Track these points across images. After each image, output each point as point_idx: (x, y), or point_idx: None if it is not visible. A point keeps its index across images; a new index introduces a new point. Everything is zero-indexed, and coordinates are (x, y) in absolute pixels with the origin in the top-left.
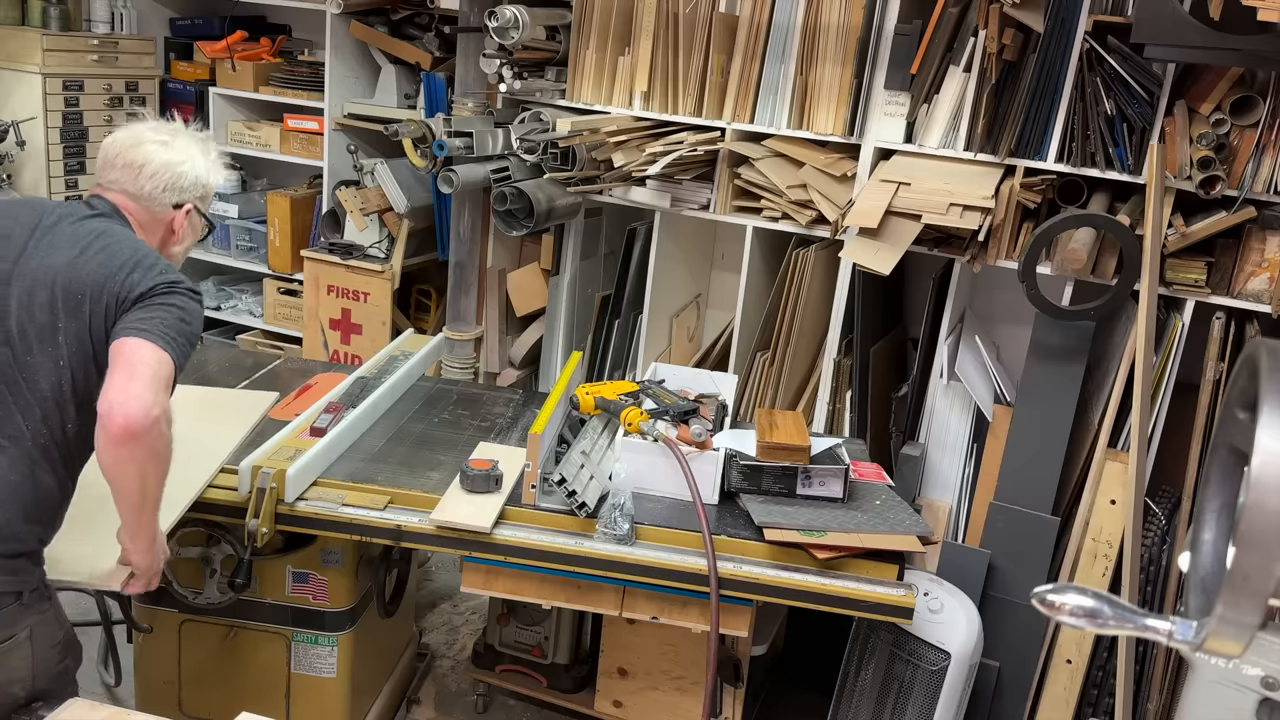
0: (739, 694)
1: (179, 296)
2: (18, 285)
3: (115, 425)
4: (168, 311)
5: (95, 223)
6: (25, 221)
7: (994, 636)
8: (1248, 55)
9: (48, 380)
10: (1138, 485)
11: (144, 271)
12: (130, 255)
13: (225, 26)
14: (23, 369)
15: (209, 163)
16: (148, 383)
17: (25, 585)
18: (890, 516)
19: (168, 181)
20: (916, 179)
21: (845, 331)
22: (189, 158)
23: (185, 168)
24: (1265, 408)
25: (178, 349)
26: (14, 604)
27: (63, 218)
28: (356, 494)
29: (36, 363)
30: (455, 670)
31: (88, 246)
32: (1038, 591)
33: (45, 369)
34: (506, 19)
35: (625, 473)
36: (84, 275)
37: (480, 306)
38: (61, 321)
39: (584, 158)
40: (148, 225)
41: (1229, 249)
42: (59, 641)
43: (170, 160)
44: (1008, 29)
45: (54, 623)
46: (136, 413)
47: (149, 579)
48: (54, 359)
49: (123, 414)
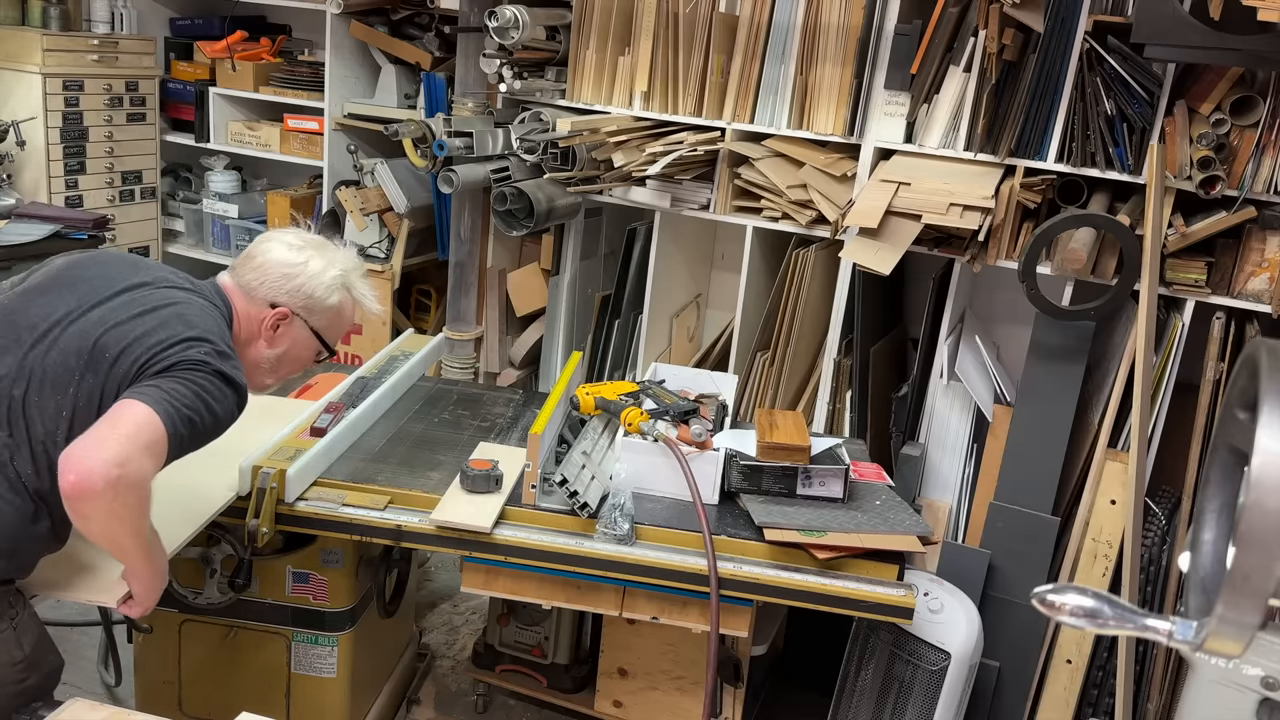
0: (739, 694)
1: (205, 375)
2: (69, 331)
3: (66, 481)
4: (184, 385)
5: (179, 294)
6: (115, 277)
7: (994, 636)
8: (1248, 55)
9: (44, 426)
10: (1138, 485)
11: (183, 349)
12: (186, 334)
13: (225, 26)
14: (27, 408)
15: (328, 279)
16: (119, 442)
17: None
18: (890, 516)
19: (271, 279)
20: (916, 179)
21: (845, 331)
22: (305, 264)
23: (294, 270)
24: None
25: (176, 421)
26: None
27: (154, 281)
28: (356, 494)
29: (41, 405)
30: (455, 670)
31: (150, 310)
32: (1038, 591)
33: (46, 414)
34: (506, 19)
35: (625, 473)
36: (124, 335)
37: (480, 306)
38: (79, 374)
39: (584, 158)
40: (245, 316)
41: (1229, 249)
42: (19, 661)
43: (284, 260)
44: (1008, 29)
45: (12, 643)
46: (91, 471)
47: (146, 607)
48: (58, 408)
49: (75, 470)
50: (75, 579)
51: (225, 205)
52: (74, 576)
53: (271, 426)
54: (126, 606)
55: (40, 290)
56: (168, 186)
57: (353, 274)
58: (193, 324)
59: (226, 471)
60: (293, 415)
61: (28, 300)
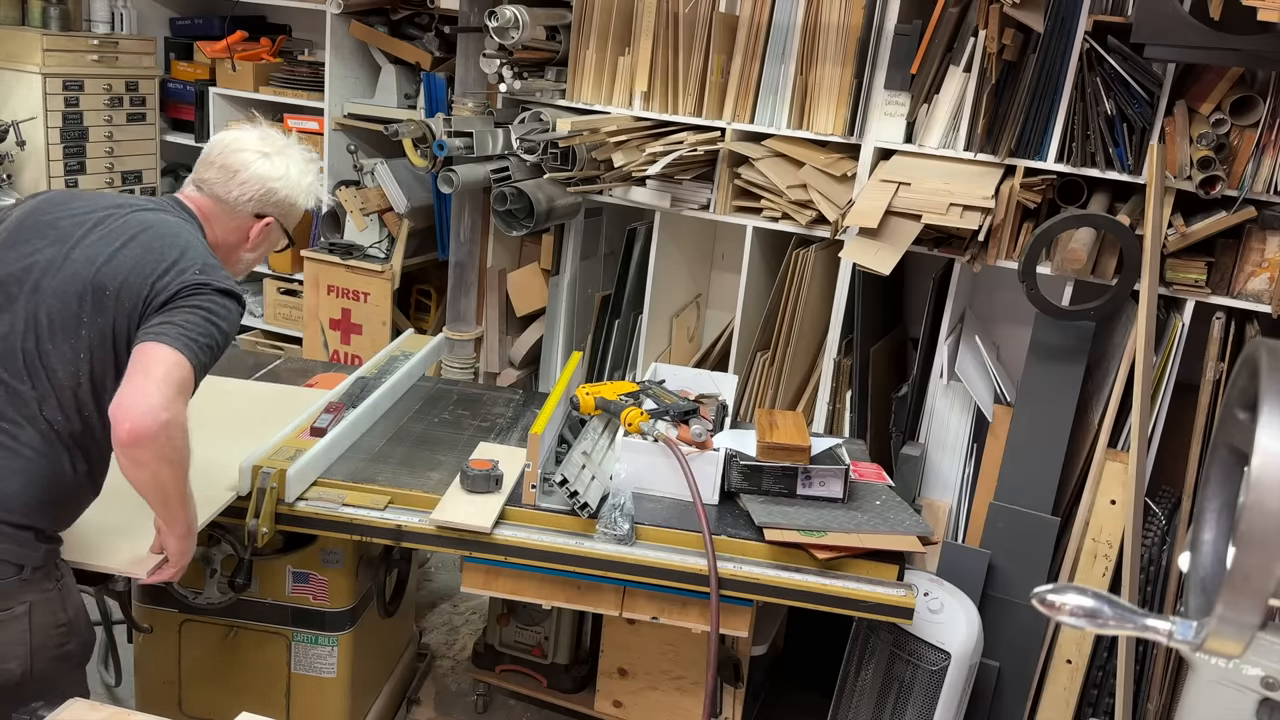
0: (739, 694)
1: (207, 297)
2: (59, 276)
3: (123, 430)
4: (192, 314)
5: (149, 216)
6: (81, 215)
7: (994, 636)
8: (1248, 55)
9: (65, 370)
10: (1138, 485)
11: (177, 274)
12: (171, 255)
13: (225, 26)
14: (44, 357)
15: (305, 185)
16: (158, 387)
17: (28, 560)
18: (890, 516)
19: (257, 193)
20: (916, 179)
21: (845, 331)
22: (285, 175)
23: (278, 184)
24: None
25: (197, 352)
26: (13, 576)
27: (117, 210)
28: (356, 494)
29: (58, 352)
30: (455, 670)
31: (131, 239)
32: (1038, 591)
33: (64, 359)
34: (506, 19)
35: (625, 473)
36: (116, 270)
37: (480, 306)
38: (87, 316)
39: (584, 158)
40: (223, 226)
41: (1229, 249)
42: (63, 624)
43: (265, 174)
44: (1008, 29)
45: (58, 604)
46: (143, 418)
47: (179, 567)
48: (74, 351)
49: (129, 419)
50: (104, 550)
51: None
52: (102, 548)
53: (272, 426)
54: (159, 574)
55: (9, 244)
56: (168, 186)
57: (314, 169)
58: (174, 243)
59: (227, 471)
60: (293, 415)
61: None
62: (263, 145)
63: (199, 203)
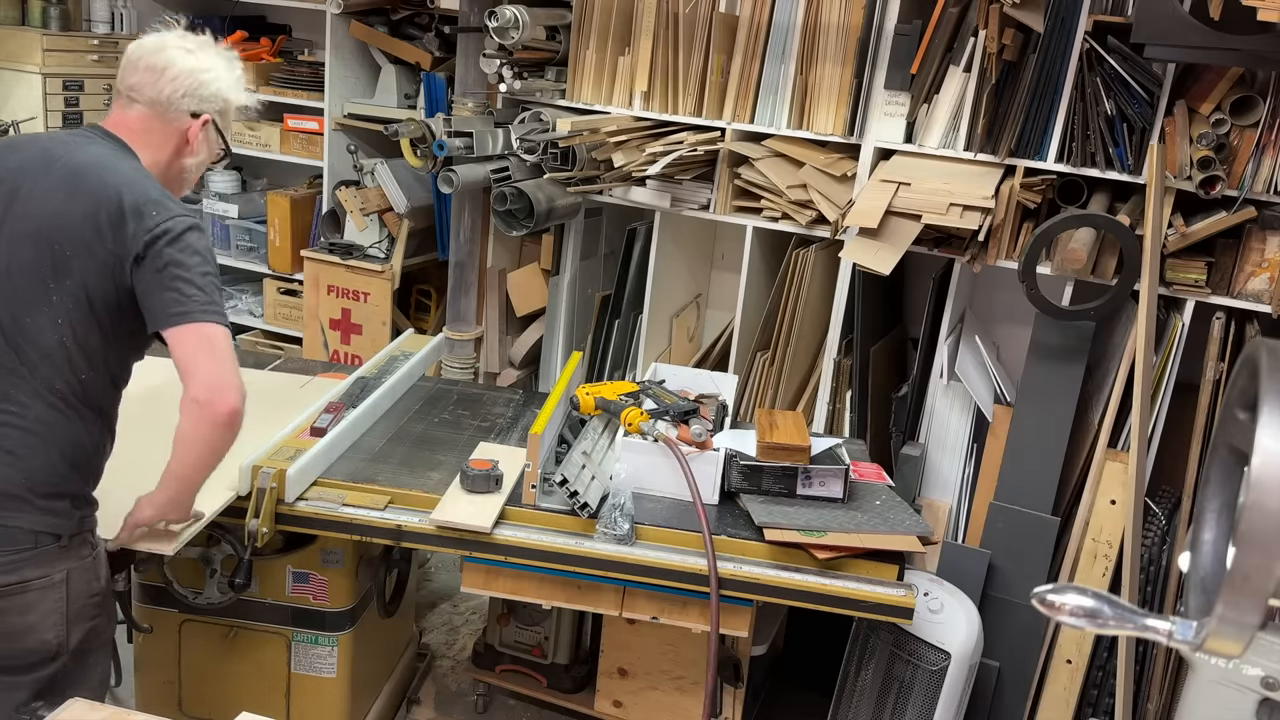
0: (739, 694)
1: (185, 240)
2: (9, 240)
3: (223, 412)
4: (187, 270)
5: (86, 154)
6: (13, 164)
7: (994, 636)
8: (1248, 55)
9: (49, 338)
10: (1138, 485)
11: (137, 221)
12: (119, 200)
13: (225, 26)
14: (22, 331)
15: (232, 78)
16: (231, 364)
17: (64, 529)
18: (890, 516)
19: (189, 87)
20: (916, 179)
21: (845, 331)
22: (213, 67)
23: (208, 76)
24: (1265, 408)
25: (218, 305)
26: (53, 544)
27: (52, 155)
28: (356, 494)
29: (35, 324)
30: (455, 670)
31: (74, 189)
32: (1038, 591)
33: (44, 328)
34: (506, 19)
35: (625, 473)
36: (69, 227)
37: (480, 306)
38: (53, 283)
39: (584, 158)
40: (161, 135)
41: (1229, 249)
42: (96, 593)
43: (194, 67)
44: (1008, 29)
45: (92, 572)
46: (236, 396)
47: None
48: (50, 318)
49: (226, 401)
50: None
51: (225, 205)
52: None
53: (272, 426)
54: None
55: None
56: None
57: (238, 66)
58: (120, 184)
59: (225, 470)
60: (293, 415)
61: None
62: (184, 43)
63: (129, 122)
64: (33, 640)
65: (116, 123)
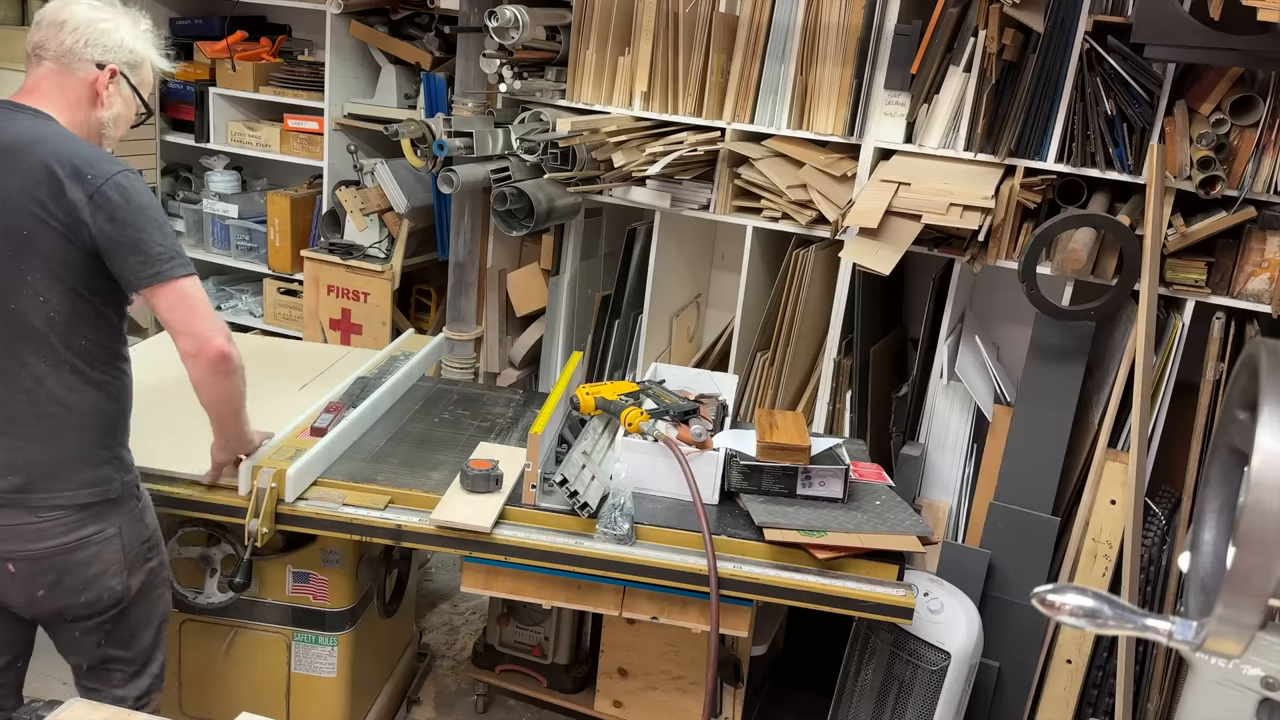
0: (739, 694)
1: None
2: None
3: (213, 357)
4: (142, 225)
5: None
6: None
7: (994, 636)
8: (1248, 55)
9: (38, 317)
10: (1138, 485)
11: (75, 184)
12: (51, 170)
13: (225, 26)
14: (12, 317)
15: (139, 32)
16: (206, 312)
17: (112, 490)
18: (890, 516)
19: (89, 36)
20: (916, 179)
21: (845, 331)
22: (114, 19)
23: (108, 25)
24: (1265, 408)
25: (182, 253)
26: (102, 502)
27: None
28: (357, 494)
29: (19, 308)
30: (455, 670)
31: (7, 171)
32: (1038, 591)
33: (31, 309)
34: (506, 19)
35: (625, 473)
36: (15, 208)
37: (480, 306)
38: (22, 264)
39: (584, 158)
40: (74, 94)
41: (1229, 249)
42: (147, 539)
43: (94, 18)
44: (1008, 29)
45: (140, 520)
46: (220, 340)
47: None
48: (33, 299)
49: (212, 347)
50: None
51: (225, 205)
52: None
53: (271, 426)
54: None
55: None
56: (167, 187)
57: (146, 23)
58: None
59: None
60: (293, 415)
61: None
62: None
63: (39, 85)
64: (100, 588)
65: (31, 89)
